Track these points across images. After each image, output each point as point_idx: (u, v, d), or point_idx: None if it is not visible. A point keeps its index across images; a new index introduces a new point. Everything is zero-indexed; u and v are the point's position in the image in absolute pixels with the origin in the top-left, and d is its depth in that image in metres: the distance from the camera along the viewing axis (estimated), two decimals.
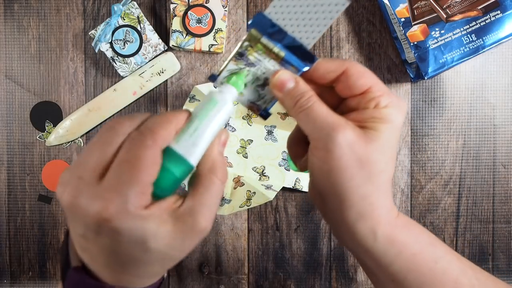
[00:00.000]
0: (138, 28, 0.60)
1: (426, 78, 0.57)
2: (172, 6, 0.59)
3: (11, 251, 0.64)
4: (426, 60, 0.56)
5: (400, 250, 0.28)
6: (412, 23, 0.57)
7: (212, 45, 0.59)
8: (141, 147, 0.23)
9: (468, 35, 0.56)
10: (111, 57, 0.60)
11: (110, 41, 0.59)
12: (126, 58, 0.60)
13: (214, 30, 0.59)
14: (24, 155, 0.63)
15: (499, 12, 0.55)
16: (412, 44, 0.57)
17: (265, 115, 0.30)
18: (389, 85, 0.62)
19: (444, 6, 0.56)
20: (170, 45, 0.60)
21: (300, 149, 0.31)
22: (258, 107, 0.30)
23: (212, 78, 0.30)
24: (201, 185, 0.26)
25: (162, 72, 0.61)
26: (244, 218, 0.63)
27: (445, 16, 0.56)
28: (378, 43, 0.62)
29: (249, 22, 0.29)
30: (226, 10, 0.59)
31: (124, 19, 0.59)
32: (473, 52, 0.56)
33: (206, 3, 0.59)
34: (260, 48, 0.29)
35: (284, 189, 0.62)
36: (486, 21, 0.55)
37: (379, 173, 0.26)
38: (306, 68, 0.29)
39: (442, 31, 0.56)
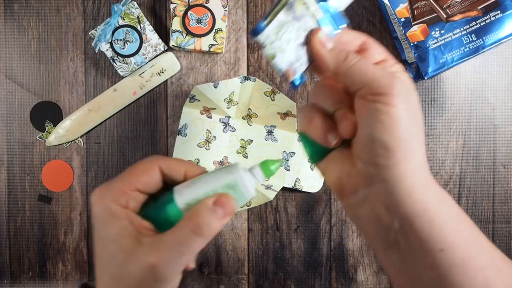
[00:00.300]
0: (138, 28, 0.60)
1: (426, 78, 0.57)
2: (172, 6, 0.59)
3: (11, 251, 0.64)
4: (426, 60, 0.56)
5: (449, 206, 0.27)
6: (412, 23, 0.57)
7: (212, 45, 0.59)
8: (143, 160, 0.29)
9: (468, 35, 0.56)
10: (111, 57, 0.60)
11: (110, 41, 0.59)
12: (126, 58, 0.60)
13: (214, 30, 0.59)
14: (24, 155, 0.63)
15: (499, 12, 0.55)
16: (412, 44, 0.57)
17: (298, 82, 0.30)
18: None
19: (444, 6, 0.56)
20: (170, 45, 0.60)
21: (328, 122, 0.30)
22: (294, 72, 0.29)
23: (257, 30, 0.27)
24: (176, 231, 0.27)
25: (162, 72, 0.61)
26: (244, 218, 0.63)
27: (445, 16, 0.56)
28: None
29: None
30: (226, 10, 0.59)
31: (124, 19, 0.59)
32: (473, 52, 0.56)
33: (206, 3, 0.59)
34: (304, 2, 0.28)
35: (284, 189, 0.62)
36: (486, 21, 0.55)
37: (423, 124, 0.28)
38: (339, 30, 0.30)
39: (442, 31, 0.56)
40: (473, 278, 0.26)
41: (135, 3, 0.59)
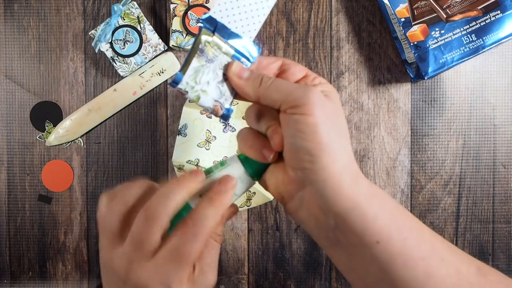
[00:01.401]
0: (138, 28, 0.60)
1: (426, 78, 0.57)
2: (172, 6, 0.59)
3: (11, 251, 0.64)
4: (426, 60, 0.56)
5: (382, 200, 0.29)
6: (412, 23, 0.57)
7: None
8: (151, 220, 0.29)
9: (468, 35, 0.56)
10: (111, 57, 0.60)
11: (110, 41, 0.59)
12: (126, 58, 0.60)
13: None
14: (24, 155, 0.63)
15: (499, 12, 0.55)
16: (412, 44, 0.57)
17: (227, 114, 0.33)
18: (389, 85, 0.63)
19: (444, 6, 0.56)
20: (170, 45, 0.60)
21: (261, 140, 0.32)
22: (221, 106, 0.32)
23: (176, 80, 0.31)
24: (204, 249, 0.31)
25: (162, 72, 0.61)
26: (244, 218, 0.63)
27: (445, 16, 0.56)
28: (378, 43, 0.62)
29: (199, 23, 0.31)
30: None
31: (124, 19, 0.59)
32: (473, 52, 0.56)
33: (206, 3, 0.59)
34: (214, 44, 0.31)
35: None
36: (486, 21, 0.55)
37: (346, 127, 0.30)
38: (254, 59, 0.32)
39: (442, 31, 0.56)
40: (413, 268, 0.27)
41: (135, 3, 0.59)
